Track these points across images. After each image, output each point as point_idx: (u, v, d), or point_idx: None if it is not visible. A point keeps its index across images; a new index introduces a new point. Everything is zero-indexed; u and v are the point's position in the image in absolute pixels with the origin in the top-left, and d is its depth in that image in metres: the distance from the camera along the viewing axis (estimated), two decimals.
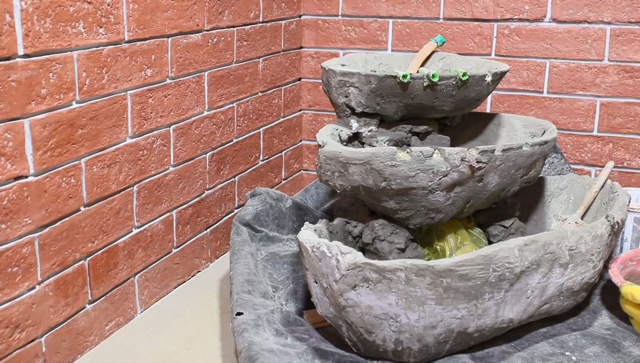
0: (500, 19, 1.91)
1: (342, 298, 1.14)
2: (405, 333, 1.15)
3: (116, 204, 1.37)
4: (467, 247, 1.37)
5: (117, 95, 1.34)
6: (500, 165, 1.29)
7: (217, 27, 1.65)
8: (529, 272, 1.20)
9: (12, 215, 1.12)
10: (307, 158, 2.21)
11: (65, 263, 1.25)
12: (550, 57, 1.89)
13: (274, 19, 1.92)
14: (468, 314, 1.15)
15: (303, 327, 1.27)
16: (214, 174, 1.71)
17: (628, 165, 1.89)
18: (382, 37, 2.03)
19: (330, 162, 1.28)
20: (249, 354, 1.11)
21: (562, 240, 1.24)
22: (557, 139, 1.52)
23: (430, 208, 1.29)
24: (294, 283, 1.45)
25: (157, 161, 1.48)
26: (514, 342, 1.27)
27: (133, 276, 1.44)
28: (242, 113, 1.81)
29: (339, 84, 1.35)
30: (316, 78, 2.13)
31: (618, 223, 1.32)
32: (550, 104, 1.92)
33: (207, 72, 1.63)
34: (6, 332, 1.13)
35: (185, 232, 1.62)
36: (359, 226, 1.38)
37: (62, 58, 1.20)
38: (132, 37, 1.36)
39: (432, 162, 1.23)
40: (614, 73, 1.85)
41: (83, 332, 1.31)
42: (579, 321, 1.35)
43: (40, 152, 1.17)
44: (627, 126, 1.87)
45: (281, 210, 1.65)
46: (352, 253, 1.12)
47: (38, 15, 1.14)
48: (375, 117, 1.38)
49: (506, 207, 1.47)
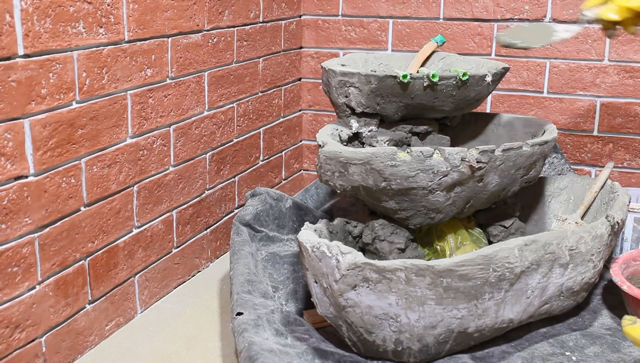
0: (500, 19, 1.91)
1: (342, 298, 1.14)
2: (406, 333, 1.15)
3: (116, 204, 1.37)
4: (467, 247, 1.37)
5: (117, 95, 1.34)
6: (500, 165, 1.29)
7: (217, 27, 1.65)
8: (529, 272, 1.20)
9: (12, 215, 1.12)
10: (307, 158, 2.21)
11: (66, 263, 1.25)
12: (551, 57, 1.89)
13: (274, 19, 1.92)
14: (468, 314, 1.15)
15: (303, 327, 1.27)
16: (214, 174, 1.71)
17: (628, 165, 1.89)
18: (382, 37, 2.03)
19: (330, 162, 1.28)
20: (249, 354, 1.11)
21: (562, 240, 1.24)
22: (557, 139, 1.52)
23: (430, 208, 1.29)
24: (294, 283, 1.45)
25: (157, 161, 1.48)
26: (514, 342, 1.27)
27: (133, 276, 1.44)
28: (242, 113, 1.81)
29: (339, 84, 1.35)
30: (316, 78, 2.13)
31: (618, 224, 1.32)
32: (551, 104, 1.92)
33: (207, 72, 1.63)
34: (6, 332, 1.13)
35: (186, 232, 1.62)
36: (359, 226, 1.38)
37: (62, 58, 1.20)
38: (132, 37, 1.36)
39: (432, 162, 1.23)
40: (614, 73, 1.85)
41: (83, 332, 1.31)
42: (579, 321, 1.35)
43: (40, 152, 1.17)
44: (627, 126, 1.87)
45: (281, 210, 1.65)
46: (352, 253, 1.12)
47: (38, 15, 1.14)
48: (375, 117, 1.38)
49: (506, 207, 1.47)
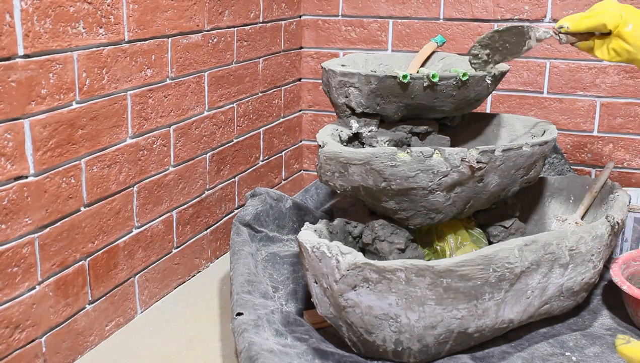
0: (500, 19, 1.91)
1: (342, 298, 1.14)
2: (406, 333, 1.15)
3: (116, 204, 1.37)
4: (467, 247, 1.37)
5: (117, 96, 1.34)
6: (500, 165, 1.29)
7: (217, 28, 1.65)
8: (529, 273, 1.19)
9: (12, 216, 1.12)
10: (307, 158, 2.21)
11: (66, 264, 1.25)
12: (551, 57, 1.89)
13: (274, 19, 1.92)
14: (468, 314, 1.15)
15: (303, 327, 1.27)
16: (214, 174, 1.71)
17: (628, 165, 1.89)
18: (382, 37, 2.03)
19: (330, 163, 1.28)
20: (249, 354, 1.11)
21: (562, 240, 1.23)
22: (557, 139, 1.52)
23: (430, 208, 1.29)
24: (294, 284, 1.45)
25: (157, 161, 1.48)
26: (514, 342, 1.27)
27: (133, 276, 1.44)
28: (242, 113, 1.81)
29: (339, 84, 1.35)
30: (316, 78, 2.13)
31: (618, 224, 1.32)
32: (551, 104, 1.92)
33: (207, 73, 1.63)
34: (6, 332, 1.13)
35: (186, 232, 1.62)
36: (359, 226, 1.38)
37: (62, 58, 1.20)
38: (132, 38, 1.36)
39: (432, 163, 1.23)
40: (614, 73, 1.85)
41: (83, 332, 1.31)
42: (579, 321, 1.35)
43: (40, 152, 1.17)
44: (627, 126, 1.87)
45: (281, 210, 1.65)
46: (352, 253, 1.12)
47: (38, 15, 1.14)
48: (375, 117, 1.38)
49: (506, 207, 1.47)
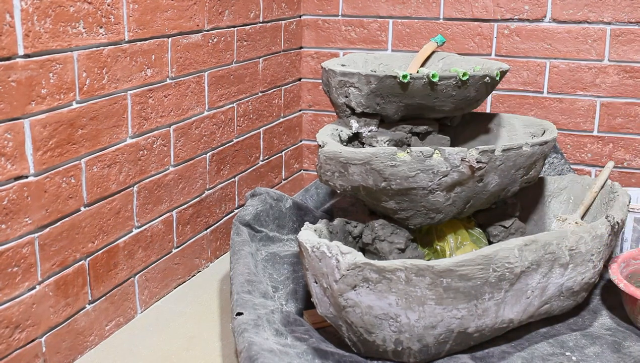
0: (500, 19, 1.91)
1: (342, 298, 1.14)
2: (405, 333, 1.15)
3: (116, 204, 1.37)
4: (467, 247, 1.37)
5: (117, 96, 1.34)
6: (500, 165, 1.29)
7: (217, 27, 1.65)
8: (529, 272, 1.20)
9: (12, 215, 1.12)
10: (307, 158, 2.21)
11: (66, 263, 1.25)
12: (551, 57, 1.89)
13: (274, 19, 1.92)
14: (468, 314, 1.15)
15: (303, 327, 1.27)
16: (214, 174, 1.71)
17: (628, 165, 1.89)
18: (382, 37, 2.03)
19: (330, 162, 1.28)
20: (249, 354, 1.11)
21: (562, 240, 1.24)
22: (557, 139, 1.52)
23: (430, 208, 1.29)
24: (294, 283, 1.45)
25: (157, 161, 1.48)
26: (514, 342, 1.27)
27: (133, 276, 1.44)
28: (242, 113, 1.81)
29: (339, 84, 1.35)
30: (316, 78, 2.13)
31: (618, 224, 1.32)
32: (551, 104, 1.92)
33: (207, 72, 1.63)
34: (6, 332, 1.13)
35: (186, 232, 1.62)
36: (359, 226, 1.38)
37: (62, 58, 1.20)
38: (132, 37, 1.36)
39: (432, 162, 1.23)
40: (614, 73, 1.85)
41: (83, 332, 1.31)
42: (579, 321, 1.35)
43: (41, 152, 1.17)
44: (627, 126, 1.87)
45: (281, 210, 1.65)
46: (352, 253, 1.12)
47: (38, 15, 1.14)
48: (375, 117, 1.38)
49: (506, 207, 1.47)
